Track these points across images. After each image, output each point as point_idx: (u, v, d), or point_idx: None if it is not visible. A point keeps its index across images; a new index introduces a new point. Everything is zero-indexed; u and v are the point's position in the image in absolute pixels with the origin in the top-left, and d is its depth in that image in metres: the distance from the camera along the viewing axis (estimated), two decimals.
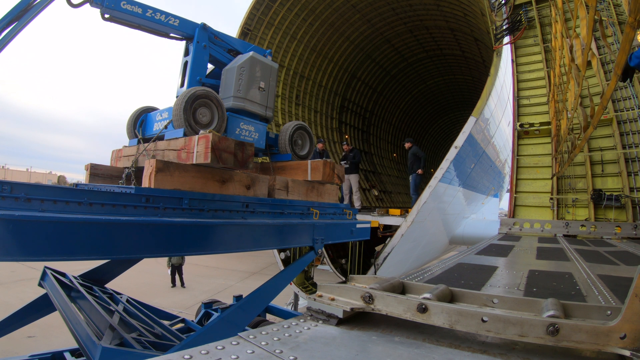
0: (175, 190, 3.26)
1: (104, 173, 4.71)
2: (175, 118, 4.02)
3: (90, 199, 2.53)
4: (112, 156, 5.18)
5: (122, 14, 4.20)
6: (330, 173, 4.89)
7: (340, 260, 9.02)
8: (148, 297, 10.09)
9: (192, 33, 4.80)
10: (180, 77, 4.90)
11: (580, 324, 0.87)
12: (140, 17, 4.33)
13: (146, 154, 4.26)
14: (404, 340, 1.02)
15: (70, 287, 4.10)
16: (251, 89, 4.91)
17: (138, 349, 3.04)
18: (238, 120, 4.84)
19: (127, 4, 4.18)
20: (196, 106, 4.14)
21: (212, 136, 3.41)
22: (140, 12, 4.31)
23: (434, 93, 18.62)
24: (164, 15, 4.54)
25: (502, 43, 6.95)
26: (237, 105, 4.77)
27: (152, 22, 4.46)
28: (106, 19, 4.22)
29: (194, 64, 4.74)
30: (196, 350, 0.87)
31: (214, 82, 4.96)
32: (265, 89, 5.08)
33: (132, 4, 4.22)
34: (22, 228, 2.15)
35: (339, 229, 4.94)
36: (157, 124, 4.77)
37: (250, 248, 3.68)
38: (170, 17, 4.61)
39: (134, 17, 4.28)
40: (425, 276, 2.00)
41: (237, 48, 5.22)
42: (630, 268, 2.39)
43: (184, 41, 4.94)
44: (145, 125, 4.97)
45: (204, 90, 4.22)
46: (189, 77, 4.70)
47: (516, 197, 6.08)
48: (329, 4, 10.77)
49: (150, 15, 4.42)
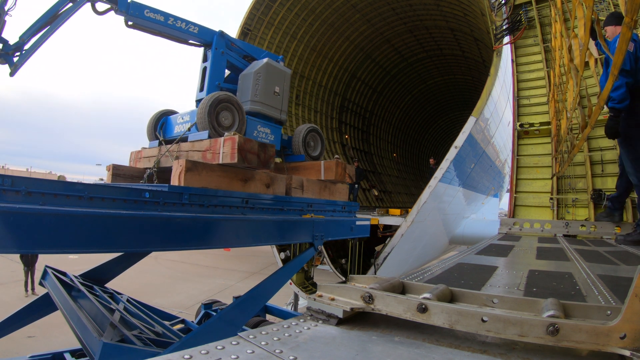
0: (203, 188, 3.45)
1: (125, 173, 4.91)
2: (200, 121, 4.23)
3: (90, 193, 2.54)
4: (130, 157, 5.41)
5: (145, 22, 4.42)
6: (342, 172, 5.17)
7: (340, 260, 9.03)
8: (148, 297, 10.10)
9: (210, 40, 5.02)
10: (199, 82, 5.11)
11: (580, 324, 0.87)
12: (162, 24, 4.56)
13: (169, 154, 4.48)
14: (404, 340, 1.02)
15: (71, 286, 4.11)
16: (267, 94, 5.16)
17: (139, 345, 3.04)
18: (255, 123, 5.08)
19: (150, 12, 4.41)
20: (219, 110, 4.35)
21: (238, 138, 3.64)
22: (163, 20, 4.55)
23: (434, 93, 18.62)
24: (184, 23, 4.72)
25: (502, 43, 6.95)
26: (254, 108, 5.01)
27: (173, 29, 4.68)
28: (129, 26, 4.42)
29: (212, 69, 4.97)
30: (196, 350, 0.87)
31: (230, 87, 5.18)
32: (280, 94, 5.35)
33: (155, 12, 4.46)
34: (23, 221, 2.16)
35: (338, 226, 4.96)
36: (179, 126, 4.98)
37: (250, 243, 3.69)
38: (190, 24, 4.81)
39: (156, 24, 4.52)
40: (425, 276, 2.00)
41: (251, 54, 5.47)
42: (630, 268, 2.39)
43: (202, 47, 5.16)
44: (166, 127, 5.17)
45: (226, 94, 4.46)
46: (208, 82, 4.93)
47: (516, 197, 6.08)
48: (329, 4, 10.77)
49: (171, 23, 4.64)
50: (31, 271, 10.75)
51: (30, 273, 10.75)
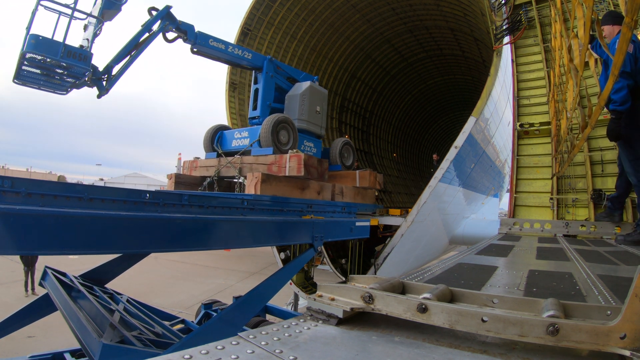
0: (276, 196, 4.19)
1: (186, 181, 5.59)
2: (264, 138, 4.98)
3: (90, 194, 2.54)
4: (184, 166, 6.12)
5: (209, 49, 5.13)
6: (374, 180, 6.13)
7: (340, 260, 9.02)
8: (148, 297, 10.10)
9: (260, 64, 5.78)
10: (252, 102, 5.91)
11: (580, 324, 0.87)
12: (223, 52, 5.28)
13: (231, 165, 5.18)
14: (404, 340, 1.02)
15: (71, 286, 4.10)
16: (310, 113, 5.99)
17: (139, 346, 3.04)
18: (302, 138, 5.85)
19: (214, 42, 5.16)
20: (278, 129, 5.10)
21: (303, 155, 4.52)
22: (223, 48, 5.27)
23: (434, 93, 18.61)
24: (240, 50, 5.50)
25: (502, 43, 6.94)
26: (301, 126, 5.77)
27: (231, 55, 5.41)
28: (194, 52, 5.09)
29: (264, 91, 5.73)
30: (196, 350, 0.87)
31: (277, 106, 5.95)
32: (320, 112, 6.20)
33: (217, 42, 5.21)
34: (23, 222, 2.16)
35: (338, 227, 5.00)
36: (236, 140, 5.68)
37: (249, 244, 3.70)
38: (245, 51, 5.58)
39: (217, 51, 5.22)
40: (425, 276, 2.00)
41: (294, 76, 6.30)
42: (630, 268, 2.39)
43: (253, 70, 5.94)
44: (222, 141, 5.85)
45: (284, 116, 5.23)
46: (261, 103, 5.71)
47: (516, 197, 6.08)
48: (329, 4, 10.76)
49: (230, 50, 5.37)
50: (31, 271, 10.74)
51: (31, 273, 10.74)
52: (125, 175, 48.46)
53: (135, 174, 47.89)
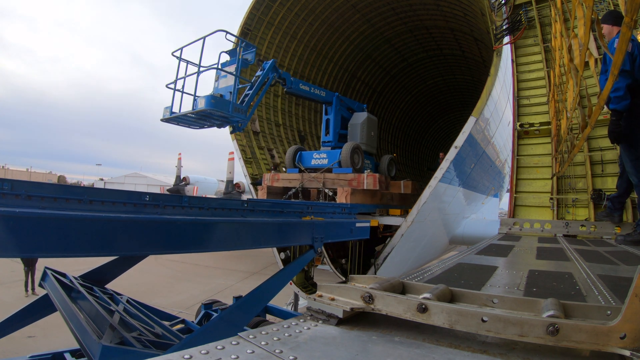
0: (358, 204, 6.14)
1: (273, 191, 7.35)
2: (344, 160, 6.81)
3: (90, 197, 2.54)
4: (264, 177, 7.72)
5: (298, 91, 6.89)
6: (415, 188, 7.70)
7: (340, 260, 9.01)
8: (148, 297, 10.10)
9: (330, 100, 7.60)
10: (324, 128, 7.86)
11: (580, 324, 0.87)
12: (307, 92, 7.10)
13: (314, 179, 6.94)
14: (404, 340, 1.02)
15: (71, 287, 4.10)
16: (368, 137, 7.77)
17: (138, 347, 3.04)
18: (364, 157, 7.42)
19: (303, 85, 6.99)
20: (352, 153, 6.83)
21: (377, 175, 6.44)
22: (308, 89, 7.11)
23: (434, 93, 18.61)
24: (318, 89, 7.34)
25: (502, 43, 6.94)
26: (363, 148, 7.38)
27: (312, 94, 7.22)
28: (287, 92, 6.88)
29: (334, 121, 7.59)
30: (196, 350, 0.87)
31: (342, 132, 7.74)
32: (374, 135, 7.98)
33: (305, 85, 7.04)
34: (22, 224, 2.16)
35: (338, 228, 4.98)
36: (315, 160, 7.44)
37: (249, 246, 3.69)
38: (321, 90, 7.44)
39: (303, 92, 7.01)
40: (425, 276, 2.00)
41: (352, 107, 8.12)
42: (630, 268, 2.39)
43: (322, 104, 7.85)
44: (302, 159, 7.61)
45: (356, 144, 7.06)
46: (332, 130, 7.57)
47: (516, 197, 6.08)
48: (329, 4, 10.75)
49: (312, 91, 7.20)
50: (31, 271, 10.73)
51: (31, 273, 10.73)
52: (126, 175, 48.37)
53: (136, 174, 47.80)
